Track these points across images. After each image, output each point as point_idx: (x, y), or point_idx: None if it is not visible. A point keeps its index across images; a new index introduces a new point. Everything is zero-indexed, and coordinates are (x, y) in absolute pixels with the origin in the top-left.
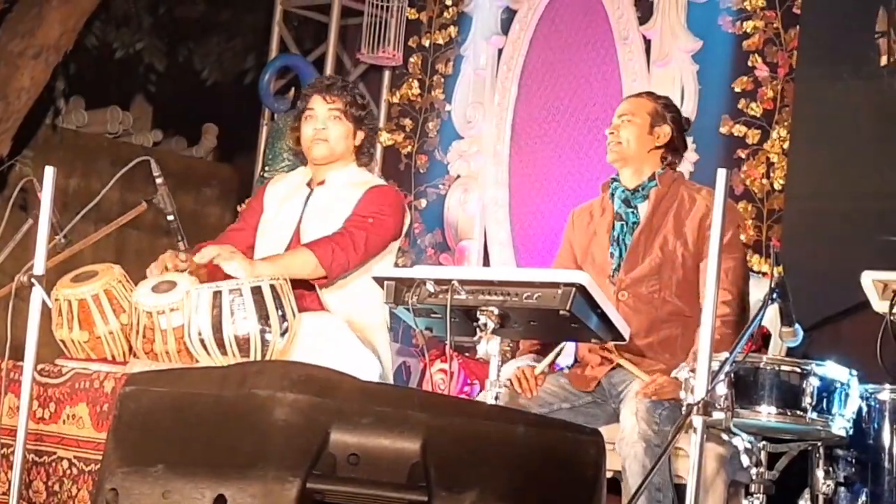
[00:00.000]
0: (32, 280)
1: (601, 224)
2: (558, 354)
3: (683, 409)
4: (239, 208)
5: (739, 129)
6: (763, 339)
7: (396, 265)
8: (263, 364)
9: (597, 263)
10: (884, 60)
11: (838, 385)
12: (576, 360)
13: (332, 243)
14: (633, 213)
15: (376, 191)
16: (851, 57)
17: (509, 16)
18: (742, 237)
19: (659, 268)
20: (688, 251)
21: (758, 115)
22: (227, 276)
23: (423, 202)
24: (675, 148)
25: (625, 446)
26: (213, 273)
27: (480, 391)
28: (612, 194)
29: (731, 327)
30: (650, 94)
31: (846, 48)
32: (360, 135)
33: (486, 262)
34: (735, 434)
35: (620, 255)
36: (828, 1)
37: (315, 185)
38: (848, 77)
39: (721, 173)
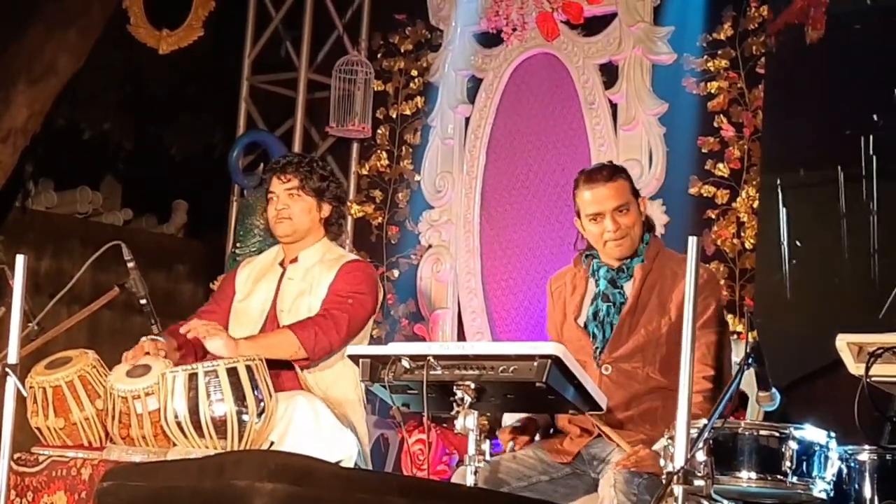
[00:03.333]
0: (6, 369)
1: (570, 304)
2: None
3: (664, 478)
4: (212, 285)
5: (708, 190)
6: (740, 399)
7: (371, 337)
8: (241, 454)
9: (571, 343)
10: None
11: (817, 448)
12: (555, 429)
13: (315, 326)
14: (619, 293)
15: (351, 267)
16: (816, 113)
17: (475, 84)
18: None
19: (643, 346)
20: (672, 328)
21: (726, 175)
22: (200, 359)
23: (396, 273)
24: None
25: None
26: (185, 356)
27: (458, 462)
28: (594, 272)
29: (713, 403)
30: (617, 171)
31: (810, 105)
32: (326, 207)
33: (461, 331)
34: (716, 501)
35: (605, 336)
36: (790, 60)
37: (287, 263)
38: (813, 135)
39: (692, 241)
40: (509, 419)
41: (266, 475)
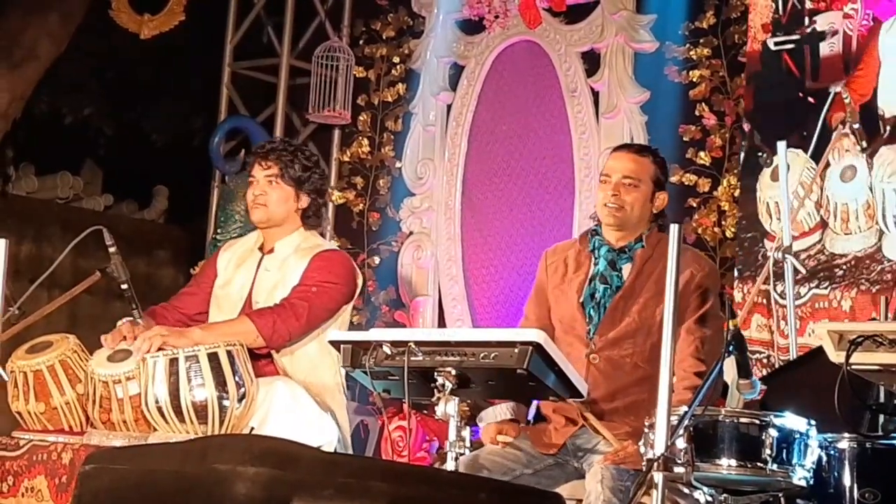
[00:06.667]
0: None
1: (573, 281)
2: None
3: (644, 464)
4: (192, 271)
5: (690, 178)
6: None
7: (352, 323)
8: (224, 438)
9: (564, 322)
10: None
11: (797, 435)
12: (539, 416)
13: (273, 315)
14: (617, 276)
15: (323, 256)
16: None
17: (457, 72)
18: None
19: (634, 332)
20: None
21: (707, 164)
22: None
23: (377, 259)
24: (664, 212)
25: None
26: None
27: (439, 448)
28: (595, 250)
29: None
30: (653, 154)
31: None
32: (304, 198)
33: (441, 318)
34: (696, 487)
35: (599, 318)
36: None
37: (266, 252)
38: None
39: (674, 228)
40: (490, 416)
41: (249, 459)
